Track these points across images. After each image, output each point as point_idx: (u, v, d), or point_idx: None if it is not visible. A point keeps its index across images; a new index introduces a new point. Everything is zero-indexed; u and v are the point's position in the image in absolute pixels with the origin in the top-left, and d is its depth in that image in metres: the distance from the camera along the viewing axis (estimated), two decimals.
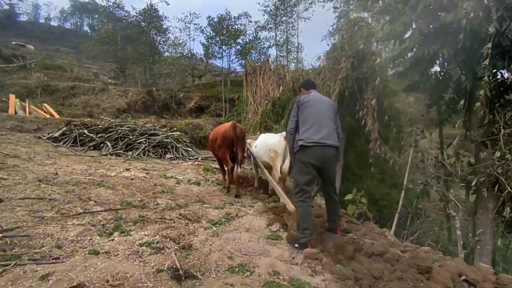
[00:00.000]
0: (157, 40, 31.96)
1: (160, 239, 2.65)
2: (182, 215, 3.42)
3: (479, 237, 3.81)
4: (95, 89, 21.34)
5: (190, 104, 27.46)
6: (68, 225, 2.72)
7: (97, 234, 2.58)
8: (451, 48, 3.39)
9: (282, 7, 30.25)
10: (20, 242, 2.26)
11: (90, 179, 4.70)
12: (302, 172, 2.85)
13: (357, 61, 6.95)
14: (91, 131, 8.47)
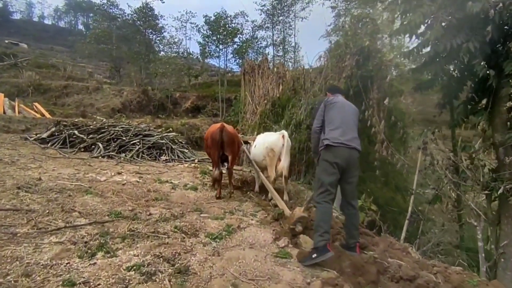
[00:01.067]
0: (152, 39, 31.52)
1: (151, 259, 2.27)
2: (177, 227, 3.04)
3: (503, 249, 3.48)
4: (89, 88, 20.84)
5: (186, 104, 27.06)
6: (43, 244, 2.33)
7: (77, 256, 2.19)
8: (477, 41, 3.05)
9: (279, 6, 30.04)
10: None
11: (77, 185, 4.30)
12: (327, 171, 2.70)
13: (362, 58, 6.62)
14: (82, 132, 8.03)
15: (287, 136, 4.95)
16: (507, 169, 3.45)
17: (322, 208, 2.58)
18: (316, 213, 2.64)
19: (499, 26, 2.98)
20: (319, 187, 2.69)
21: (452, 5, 3.20)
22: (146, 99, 22.11)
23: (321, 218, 2.53)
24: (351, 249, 2.64)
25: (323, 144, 2.76)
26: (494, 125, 3.56)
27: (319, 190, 2.67)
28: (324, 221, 2.50)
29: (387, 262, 2.30)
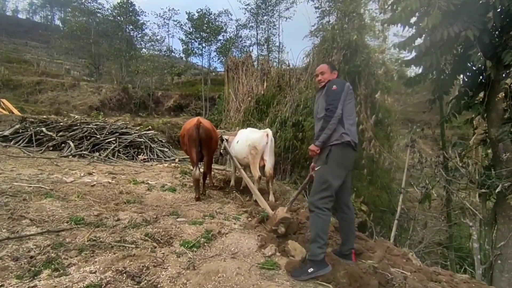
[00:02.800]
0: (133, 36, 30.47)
1: (112, 277, 1.88)
2: (148, 235, 2.64)
3: (499, 250, 3.30)
4: (64, 85, 19.73)
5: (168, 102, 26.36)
6: None
7: (15, 276, 1.76)
8: (476, 29, 2.83)
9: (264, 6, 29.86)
10: None
11: (37, 187, 3.79)
12: (337, 174, 2.31)
13: (350, 53, 6.41)
14: (51, 129, 7.40)
15: (271, 135, 4.65)
16: (504, 166, 3.27)
17: (325, 216, 2.21)
18: (317, 221, 2.23)
19: (500, 12, 2.78)
20: (322, 190, 2.26)
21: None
22: (126, 97, 21.25)
23: (322, 227, 2.19)
24: (345, 256, 2.34)
25: (343, 140, 2.31)
26: (490, 120, 3.38)
27: (323, 194, 2.25)
28: (324, 231, 2.18)
29: (389, 273, 2.02)
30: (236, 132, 6.31)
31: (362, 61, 6.22)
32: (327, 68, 2.61)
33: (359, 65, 6.22)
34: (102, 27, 29.51)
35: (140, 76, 23.95)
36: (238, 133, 5.84)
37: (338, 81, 2.50)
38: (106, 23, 29.85)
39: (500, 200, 3.31)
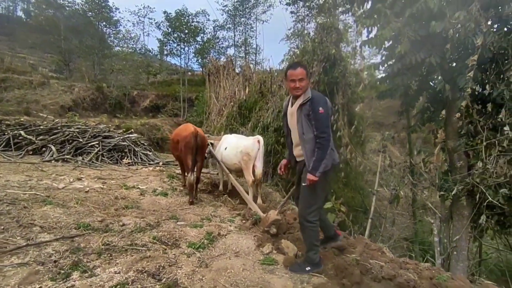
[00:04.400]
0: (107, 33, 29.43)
1: (135, 276, 2.14)
2: (156, 238, 2.89)
3: (455, 243, 3.91)
4: (32, 83, 18.72)
5: (145, 102, 25.82)
6: (4, 266, 2.05)
7: (49, 279, 1.96)
8: (437, 57, 3.39)
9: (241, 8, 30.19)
10: None
11: (32, 194, 3.86)
12: (323, 186, 2.53)
13: (329, 65, 6.95)
14: (30, 133, 7.22)
15: (262, 141, 5.01)
16: (458, 172, 3.89)
17: (316, 228, 2.46)
18: (310, 233, 2.46)
19: (456, 44, 3.35)
20: (313, 204, 2.44)
21: (416, 23, 3.52)
22: (101, 96, 20.60)
23: (315, 237, 2.48)
24: (333, 237, 2.79)
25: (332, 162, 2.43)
26: (448, 133, 3.99)
27: (313, 208, 2.44)
28: (317, 239, 2.50)
29: (369, 264, 2.46)
30: (220, 137, 6.58)
31: (340, 73, 6.79)
32: (305, 74, 2.42)
33: (337, 76, 6.77)
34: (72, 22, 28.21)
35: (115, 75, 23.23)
36: (223, 139, 6.13)
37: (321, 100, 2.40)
38: (76, 17, 28.60)
39: (455, 201, 3.92)
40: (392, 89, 4.73)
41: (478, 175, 3.55)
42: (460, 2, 3.27)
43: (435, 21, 3.21)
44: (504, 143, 3.48)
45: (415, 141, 9.13)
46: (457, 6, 3.22)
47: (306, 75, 2.42)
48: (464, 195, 3.69)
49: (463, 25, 3.07)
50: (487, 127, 3.46)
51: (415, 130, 4.88)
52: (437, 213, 4.09)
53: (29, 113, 15.30)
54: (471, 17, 2.99)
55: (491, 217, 3.73)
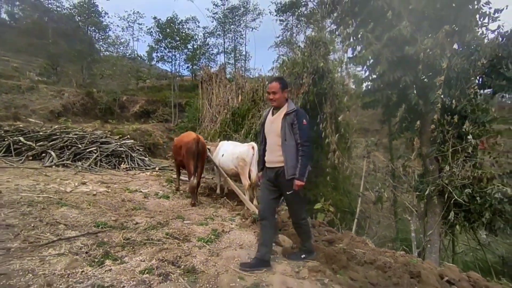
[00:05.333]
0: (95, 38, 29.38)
1: (158, 264, 2.51)
2: (168, 234, 3.26)
3: (429, 237, 4.45)
4: (21, 88, 18.55)
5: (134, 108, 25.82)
6: (46, 256, 2.38)
7: (87, 265, 2.32)
8: (411, 75, 3.95)
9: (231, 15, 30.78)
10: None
11: (45, 197, 4.14)
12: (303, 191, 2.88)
13: (317, 77, 7.51)
14: (28, 139, 7.39)
15: (257, 148, 5.44)
16: (430, 175, 4.44)
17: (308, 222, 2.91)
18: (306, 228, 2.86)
19: (427, 65, 3.92)
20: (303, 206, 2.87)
21: (393, 46, 4.07)
22: (91, 102, 20.56)
23: (309, 229, 2.93)
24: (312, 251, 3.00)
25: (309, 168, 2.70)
26: (422, 141, 4.56)
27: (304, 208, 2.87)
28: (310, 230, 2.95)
29: (354, 251, 2.91)
30: (217, 143, 6.97)
31: (328, 84, 7.35)
32: (278, 88, 2.69)
33: (325, 87, 7.33)
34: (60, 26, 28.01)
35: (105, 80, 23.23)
36: (220, 145, 6.52)
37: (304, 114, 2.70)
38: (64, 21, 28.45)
39: (428, 200, 4.47)
40: (374, 101, 5.30)
41: (447, 177, 4.11)
42: (429, 30, 3.83)
43: (408, 45, 3.77)
44: (469, 149, 4.05)
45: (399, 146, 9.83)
46: (427, 33, 3.78)
47: (279, 88, 2.70)
48: (436, 195, 4.24)
49: (431, 50, 3.64)
50: (453, 135, 4.03)
51: (395, 138, 5.44)
52: (414, 211, 4.63)
53: (18, 118, 15.19)
54: (438, 44, 3.56)
55: (459, 213, 4.28)
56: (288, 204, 2.89)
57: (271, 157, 2.80)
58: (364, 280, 2.43)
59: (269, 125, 2.82)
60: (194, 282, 2.25)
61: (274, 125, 2.74)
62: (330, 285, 2.31)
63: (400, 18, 3.83)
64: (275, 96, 2.70)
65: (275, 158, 2.75)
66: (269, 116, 2.86)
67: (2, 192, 4.06)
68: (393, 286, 2.32)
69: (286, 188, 2.66)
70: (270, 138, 2.80)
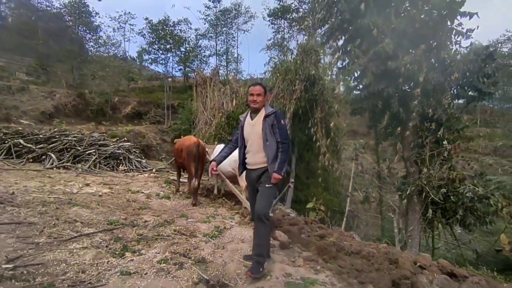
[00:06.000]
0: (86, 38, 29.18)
1: (171, 255, 2.84)
2: (176, 230, 3.59)
3: (410, 233, 4.91)
4: (11, 88, 18.37)
5: (126, 109, 25.74)
6: (72, 249, 2.69)
7: (111, 256, 2.64)
8: (393, 87, 4.41)
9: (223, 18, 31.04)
10: (38, 271, 2.22)
11: (56, 197, 4.40)
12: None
13: (309, 84, 7.95)
14: (29, 141, 7.55)
15: None
16: (411, 176, 4.92)
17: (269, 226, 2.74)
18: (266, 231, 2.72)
19: (407, 78, 4.38)
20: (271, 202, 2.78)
21: (378, 60, 4.52)
22: (83, 103, 20.49)
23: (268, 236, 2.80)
24: None
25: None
26: (403, 145, 5.03)
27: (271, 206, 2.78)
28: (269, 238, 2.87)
29: (342, 244, 3.31)
30: (214, 146, 7.31)
31: (318, 91, 7.79)
32: (262, 91, 2.78)
33: (316, 94, 7.77)
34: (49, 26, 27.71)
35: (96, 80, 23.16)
36: (217, 148, 6.86)
37: (281, 115, 2.81)
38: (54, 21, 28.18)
39: (409, 199, 4.94)
40: (362, 108, 5.76)
41: (425, 179, 4.58)
42: (409, 46, 4.30)
43: (391, 61, 4.22)
44: (444, 153, 4.54)
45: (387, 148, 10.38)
46: (407, 50, 4.25)
47: (263, 92, 2.79)
48: (416, 195, 4.71)
49: (410, 65, 4.10)
50: (430, 141, 4.51)
51: (380, 142, 5.91)
52: (397, 210, 5.09)
53: (9, 120, 15.13)
54: (416, 60, 4.02)
55: (437, 211, 4.76)
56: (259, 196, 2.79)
57: (254, 159, 2.85)
58: (351, 267, 2.83)
59: (250, 129, 2.87)
60: (205, 270, 2.60)
61: (255, 127, 2.80)
62: (322, 271, 2.70)
63: (384, 35, 4.28)
64: (258, 98, 2.77)
65: (258, 160, 2.81)
66: (248, 120, 2.92)
67: (15, 193, 4.30)
68: (375, 271, 2.73)
69: (265, 180, 2.74)
70: (252, 140, 2.85)
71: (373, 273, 2.70)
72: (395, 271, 2.68)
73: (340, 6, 4.69)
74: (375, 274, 2.66)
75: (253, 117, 2.87)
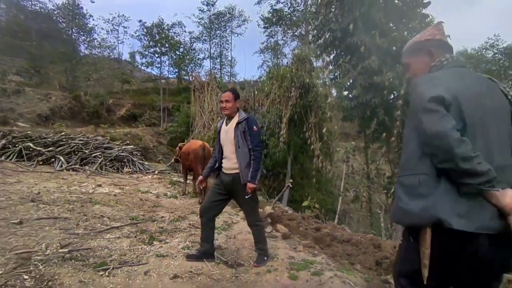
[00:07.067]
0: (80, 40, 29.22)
1: (191, 244, 3.36)
2: (191, 225, 4.10)
3: (394, 226, 5.53)
4: (6, 91, 18.45)
5: (121, 111, 25.91)
6: (109, 238, 3.18)
7: (142, 244, 3.14)
8: (379, 98, 5.03)
9: (217, 21, 31.50)
10: (89, 254, 2.71)
11: (77, 196, 4.84)
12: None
13: (304, 91, 8.56)
14: (37, 145, 7.90)
15: None
16: (395, 176, 5.54)
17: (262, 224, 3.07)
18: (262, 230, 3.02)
19: (390, 90, 5.01)
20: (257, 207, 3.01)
21: (365, 74, 5.14)
22: (78, 105, 20.66)
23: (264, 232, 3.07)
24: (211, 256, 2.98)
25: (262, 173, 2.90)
26: (389, 148, 5.66)
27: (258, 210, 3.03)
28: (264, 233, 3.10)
29: (335, 234, 3.89)
30: None
31: (312, 97, 8.40)
32: (231, 97, 2.80)
33: (310, 100, 8.38)
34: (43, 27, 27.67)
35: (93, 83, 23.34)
36: None
37: (254, 120, 2.86)
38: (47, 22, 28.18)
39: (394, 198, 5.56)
40: (352, 115, 6.37)
41: None
42: (392, 63, 4.93)
43: (376, 75, 4.84)
44: None
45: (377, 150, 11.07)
46: (390, 66, 4.87)
47: (232, 98, 2.81)
48: None
49: (393, 80, 4.72)
50: None
51: (369, 146, 6.54)
52: (383, 206, 5.72)
53: (7, 122, 15.28)
54: (397, 75, 4.65)
55: None
56: (243, 207, 3.00)
57: (228, 164, 2.88)
58: (343, 252, 3.40)
59: (224, 135, 2.91)
60: (222, 254, 3.13)
61: (229, 134, 2.84)
62: (318, 255, 3.26)
63: (370, 53, 4.90)
64: (227, 105, 2.80)
65: (232, 165, 2.84)
66: (223, 126, 2.97)
67: (40, 193, 4.73)
68: (362, 254, 3.30)
69: (242, 192, 2.77)
70: (226, 146, 2.89)
71: (360, 256, 3.28)
72: (378, 254, 3.26)
73: (332, 25, 5.31)
74: (362, 257, 3.23)
75: (228, 123, 2.91)
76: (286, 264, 2.94)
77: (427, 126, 1.10)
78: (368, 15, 4.95)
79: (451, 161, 1.05)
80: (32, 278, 2.14)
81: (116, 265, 2.51)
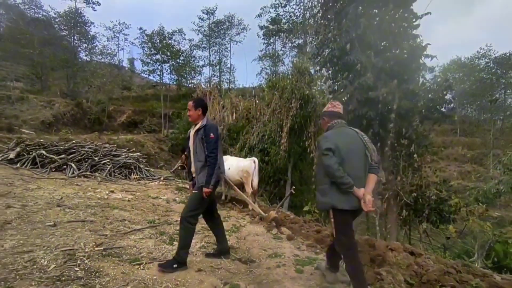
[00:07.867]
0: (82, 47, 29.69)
1: (206, 244, 3.77)
2: (203, 227, 4.50)
3: (389, 229, 5.97)
4: (11, 98, 18.79)
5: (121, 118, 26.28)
6: (134, 239, 3.57)
7: (164, 243, 3.54)
8: (374, 111, 5.51)
9: (216, 29, 32.22)
10: (121, 251, 3.11)
11: (96, 202, 5.22)
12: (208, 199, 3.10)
13: (304, 102, 9.05)
14: (50, 152, 8.27)
15: (257, 161, 6.78)
16: (389, 183, 6.00)
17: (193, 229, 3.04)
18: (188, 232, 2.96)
19: (384, 105, 5.49)
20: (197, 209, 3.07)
21: (361, 89, 5.62)
22: (80, 112, 21.02)
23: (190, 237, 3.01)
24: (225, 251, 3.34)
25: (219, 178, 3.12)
26: (384, 157, 6.12)
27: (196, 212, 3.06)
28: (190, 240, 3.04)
29: None
30: None
31: (312, 108, 8.89)
32: (192, 106, 3.00)
33: (310, 111, 8.87)
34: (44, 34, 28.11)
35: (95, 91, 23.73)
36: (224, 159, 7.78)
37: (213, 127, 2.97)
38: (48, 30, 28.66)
39: (388, 202, 6.00)
40: None
41: (400, 185, 5.66)
42: (386, 79, 5.42)
43: (371, 91, 5.32)
44: (415, 164, 5.64)
45: None
46: (384, 82, 5.36)
47: (192, 106, 3.01)
48: (393, 198, 5.78)
49: (386, 95, 5.21)
50: (404, 154, 5.61)
51: None
52: (378, 211, 6.15)
53: (11, 130, 15.58)
54: (391, 91, 5.14)
55: (409, 211, 5.84)
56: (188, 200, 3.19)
57: (192, 168, 3.12)
58: None
59: (190, 140, 3.12)
60: (235, 253, 3.53)
61: (191, 140, 3.08)
62: (320, 253, 3.67)
63: (366, 70, 5.39)
64: (190, 113, 3.04)
65: (194, 169, 3.10)
66: (192, 132, 3.15)
67: (62, 198, 5.11)
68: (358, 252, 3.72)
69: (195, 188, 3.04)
70: (191, 151, 3.12)
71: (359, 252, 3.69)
72: (372, 252, 3.68)
73: (331, 44, 5.81)
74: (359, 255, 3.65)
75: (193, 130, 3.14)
76: (292, 261, 3.35)
77: (324, 163, 2.33)
78: (364, 36, 5.47)
79: (334, 178, 2.31)
80: (82, 270, 2.54)
81: (147, 260, 2.91)
